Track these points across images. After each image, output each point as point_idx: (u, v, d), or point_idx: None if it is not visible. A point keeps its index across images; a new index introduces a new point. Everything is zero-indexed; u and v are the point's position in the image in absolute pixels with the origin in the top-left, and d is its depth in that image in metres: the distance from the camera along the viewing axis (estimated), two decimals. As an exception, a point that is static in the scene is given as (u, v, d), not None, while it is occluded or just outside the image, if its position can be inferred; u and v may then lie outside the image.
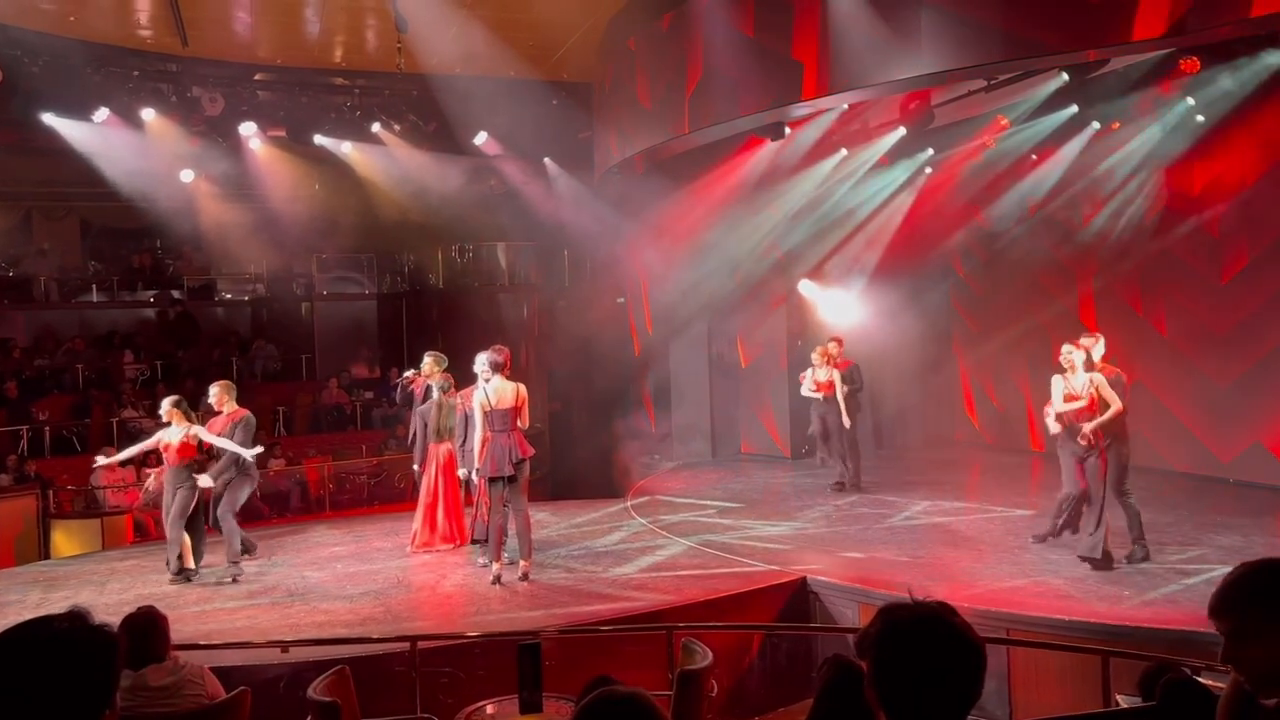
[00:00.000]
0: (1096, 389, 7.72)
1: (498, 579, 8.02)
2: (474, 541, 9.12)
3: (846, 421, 11.15)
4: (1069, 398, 7.81)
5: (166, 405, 8.56)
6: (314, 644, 6.37)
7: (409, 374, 9.97)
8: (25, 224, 18.61)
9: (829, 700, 3.32)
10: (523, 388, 8.19)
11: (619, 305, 16.48)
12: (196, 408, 8.99)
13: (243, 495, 8.85)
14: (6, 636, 1.73)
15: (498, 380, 8.07)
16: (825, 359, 11.32)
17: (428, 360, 9.56)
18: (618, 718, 1.88)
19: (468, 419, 8.82)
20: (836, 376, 11.18)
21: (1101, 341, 8.18)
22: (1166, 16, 7.35)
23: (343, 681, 4.81)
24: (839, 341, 11.62)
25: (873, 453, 13.16)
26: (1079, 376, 7.81)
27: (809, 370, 11.47)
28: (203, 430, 8.46)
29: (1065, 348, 7.91)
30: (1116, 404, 7.70)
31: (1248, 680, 2.10)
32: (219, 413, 8.73)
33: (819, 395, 11.35)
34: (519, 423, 8.11)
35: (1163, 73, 9.81)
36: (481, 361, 8.18)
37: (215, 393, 8.81)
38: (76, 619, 1.77)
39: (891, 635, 1.86)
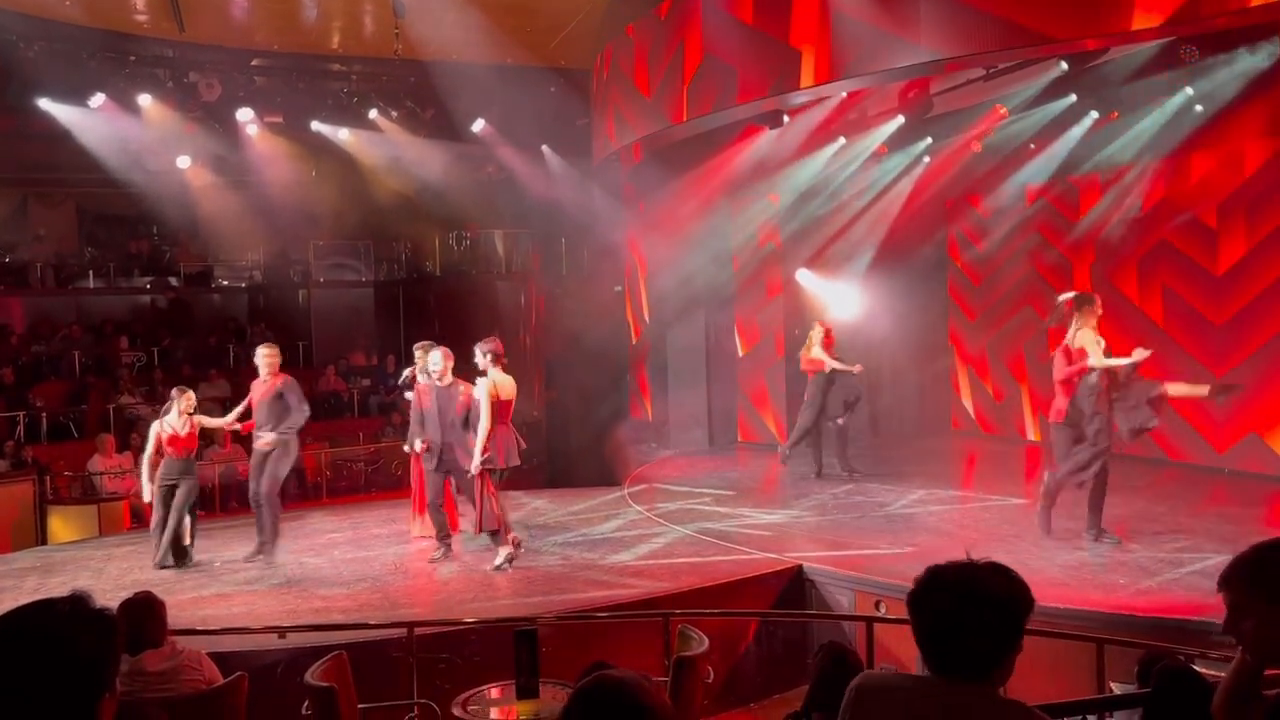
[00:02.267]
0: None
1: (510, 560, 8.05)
2: (490, 532, 8.59)
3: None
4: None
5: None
6: (311, 630, 6.39)
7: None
8: (21, 210, 18.56)
9: (824, 686, 3.35)
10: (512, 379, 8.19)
11: (617, 293, 16.47)
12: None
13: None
14: (7, 619, 1.73)
15: (498, 371, 8.04)
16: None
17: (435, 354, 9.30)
18: (610, 704, 1.83)
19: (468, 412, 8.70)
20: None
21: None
22: (1166, 6, 7.34)
23: (340, 667, 4.83)
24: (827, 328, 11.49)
25: (869, 441, 13.20)
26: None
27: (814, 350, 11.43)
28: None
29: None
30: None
31: (1245, 650, 2.22)
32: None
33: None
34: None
35: (1162, 63, 9.81)
36: (482, 353, 8.08)
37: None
38: (78, 602, 1.77)
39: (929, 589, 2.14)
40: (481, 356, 8.13)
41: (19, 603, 1.81)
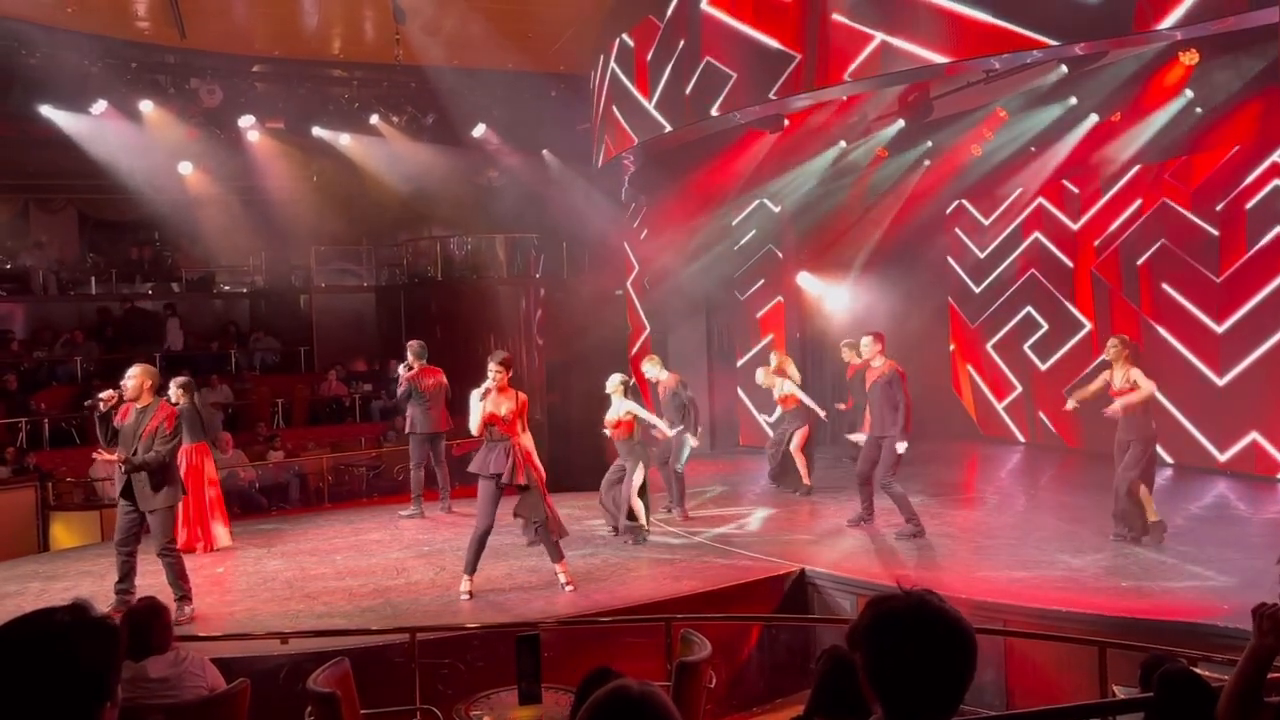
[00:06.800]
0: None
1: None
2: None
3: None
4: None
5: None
6: (313, 635, 6.39)
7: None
8: (23, 216, 18.56)
9: (826, 691, 3.34)
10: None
11: (618, 297, 16.48)
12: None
13: None
14: (8, 628, 1.73)
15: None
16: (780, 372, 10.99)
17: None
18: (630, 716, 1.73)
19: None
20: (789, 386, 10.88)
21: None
22: (1167, 9, 7.35)
23: (342, 673, 4.83)
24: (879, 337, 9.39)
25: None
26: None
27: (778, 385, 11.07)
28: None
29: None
30: None
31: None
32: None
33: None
34: None
35: (1161, 65, 9.82)
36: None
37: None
38: (78, 611, 1.77)
39: (880, 626, 1.87)
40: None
41: (21, 610, 1.81)
